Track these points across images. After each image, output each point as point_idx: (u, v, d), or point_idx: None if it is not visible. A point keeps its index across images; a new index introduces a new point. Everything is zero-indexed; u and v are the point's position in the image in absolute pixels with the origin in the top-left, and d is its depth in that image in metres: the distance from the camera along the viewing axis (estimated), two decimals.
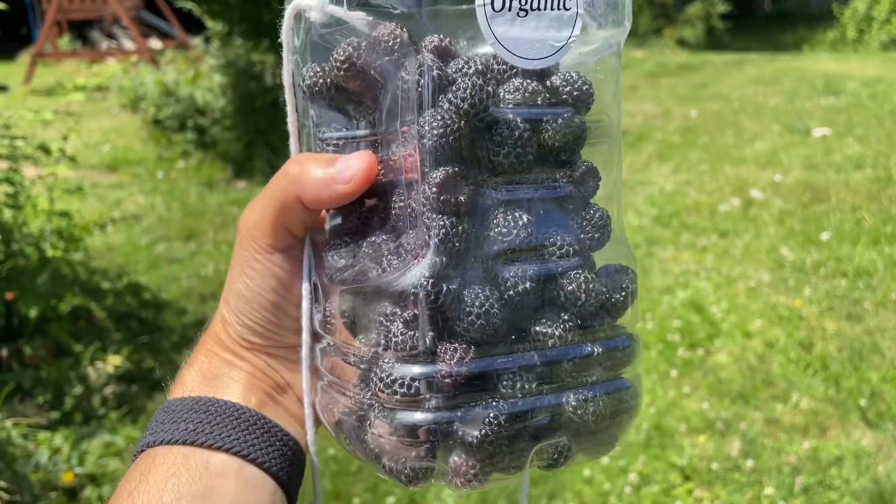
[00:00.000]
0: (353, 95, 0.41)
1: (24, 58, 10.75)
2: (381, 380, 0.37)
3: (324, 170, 0.40)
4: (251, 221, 0.43)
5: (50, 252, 3.03)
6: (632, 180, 5.18)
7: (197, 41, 7.34)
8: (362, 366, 0.40)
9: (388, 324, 0.38)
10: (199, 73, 6.41)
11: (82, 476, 2.22)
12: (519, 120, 0.38)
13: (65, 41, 10.88)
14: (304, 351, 0.45)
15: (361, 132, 0.41)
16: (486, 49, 0.39)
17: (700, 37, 12.06)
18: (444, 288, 0.36)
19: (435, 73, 0.36)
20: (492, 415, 0.37)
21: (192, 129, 6.15)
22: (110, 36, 11.10)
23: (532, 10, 0.37)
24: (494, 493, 2.15)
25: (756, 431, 2.41)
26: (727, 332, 3.03)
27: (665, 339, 3.00)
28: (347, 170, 0.39)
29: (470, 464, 0.37)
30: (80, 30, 11.51)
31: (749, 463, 2.27)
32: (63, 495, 2.14)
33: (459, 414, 0.37)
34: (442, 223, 0.36)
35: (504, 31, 0.37)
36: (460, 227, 0.37)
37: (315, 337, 0.45)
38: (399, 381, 0.37)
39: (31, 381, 2.59)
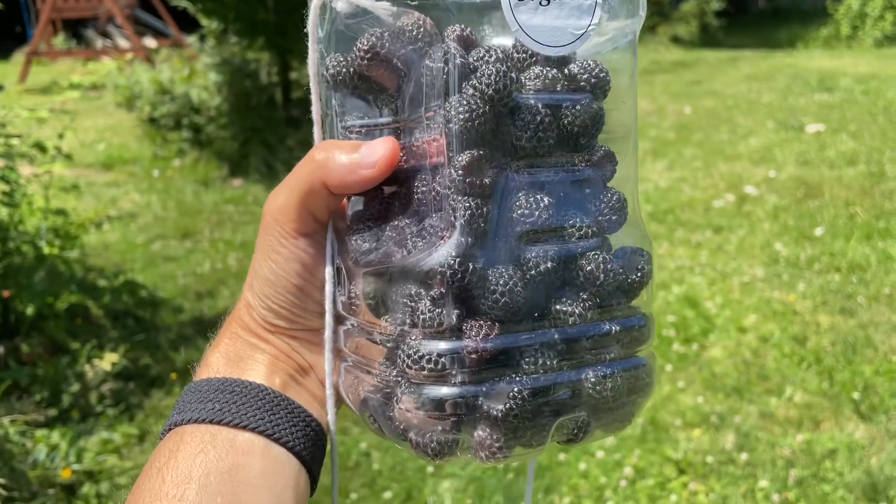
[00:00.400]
0: (376, 84, 0.42)
1: (19, 57, 10.73)
2: (408, 356, 0.38)
3: (349, 155, 0.41)
4: (276, 206, 0.44)
5: (46, 250, 3.03)
6: None
7: (192, 39, 7.33)
8: (389, 344, 0.41)
9: (415, 303, 0.39)
10: (194, 71, 6.41)
11: (80, 473, 2.23)
12: (540, 105, 0.39)
13: (60, 40, 10.85)
14: (328, 333, 0.46)
15: (384, 119, 0.43)
16: (504, 40, 0.41)
17: (694, 34, 12.08)
18: (470, 267, 0.38)
19: (458, 60, 0.38)
20: (516, 389, 0.38)
21: (187, 127, 6.15)
22: (105, 34, 11.07)
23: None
24: (491, 487, 2.16)
25: (750, 425, 2.43)
26: (721, 326, 3.04)
27: (660, 334, 3.01)
28: (371, 155, 0.41)
29: (494, 437, 0.39)
30: (75, 28, 11.48)
31: (743, 456, 2.28)
32: (61, 492, 2.15)
33: (484, 389, 0.38)
34: (467, 204, 0.38)
35: (527, 19, 0.39)
36: (485, 209, 0.38)
37: (338, 319, 0.46)
38: (426, 357, 0.38)
39: (28, 378, 2.59)
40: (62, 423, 2.46)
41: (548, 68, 0.40)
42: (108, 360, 2.74)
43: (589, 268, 0.41)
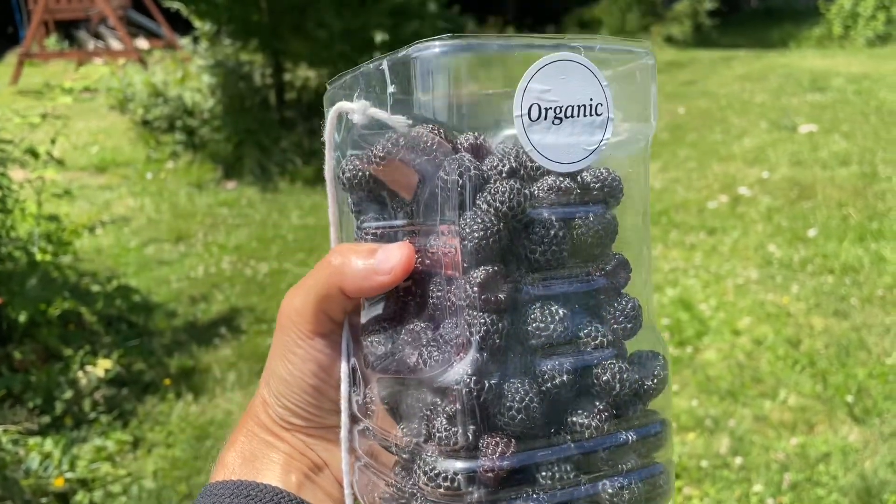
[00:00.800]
0: (391, 188, 0.43)
1: (11, 58, 10.68)
2: (424, 473, 0.38)
3: (365, 261, 0.42)
4: (293, 308, 0.45)
5: (39, 256, 3.02)
6: None
7: (185, 41, 7.31)
8: (404, 455, 0.42)
9: (431, 416, 0.39)
10: (187, 73, 6.39)
11: (73, 481, 2.22)
12: (553, 218, 0.39)
13: (52, 41, 10.80)
14: (343, 433, 0.47)
15: (399, 222, 0.43)
16: (513, 131, 0.41)
17: (688, 34, 12.11)
18: (486, 384, 0.38)
19: (472, 173, 0.38)
20: None
21: (180, 129, 6.13)
22: (97, 36, 11.03)
23: (566, 117, 0.40)
24: None
25: (744, 429, 2.43)
26: (716, 329, 3.05)
27: None
28: (387, 261, 0.41)
29: None
30: (67, 30, 11.43)
31: (738, 460, 2.29)
32: (55, 500, 2.14)
33: None
34: (483, 321, 0.38)
35: (540, 138, 0.39)
36: (500, 325, 0.38)
37: (353, 419, 0.47)
38: (443, 475, 0.38)
39: (21, 386, 2.58)
40: (55, 430, 2.45)
41: (561, 178, 0.40)
42: (102, 367, 2.73)
43: (605, 377, 0.41)
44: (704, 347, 2.94)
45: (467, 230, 0.37)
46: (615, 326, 0.42)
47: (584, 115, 0.40)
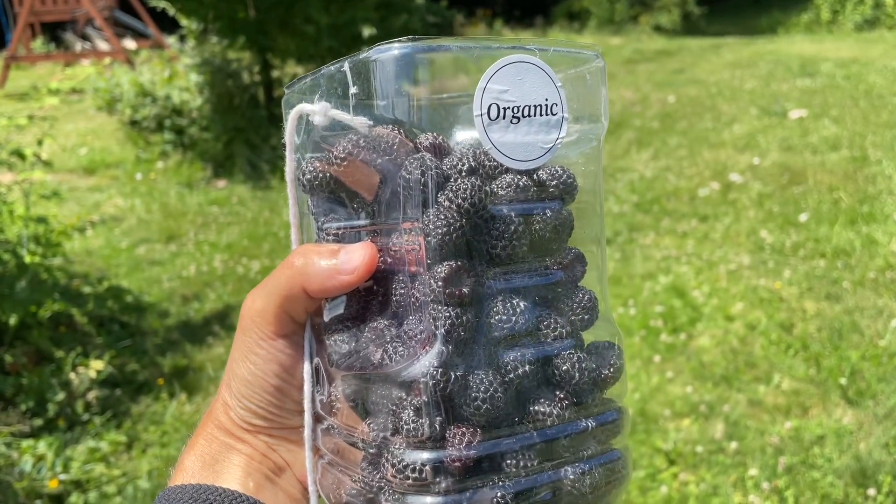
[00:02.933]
0: (351, 188, 0.43)
1: None
2: (392, 465, 0.39)
3: (328, 261, 0.42)
4: (254, 310, 0.45)
5: (28, 258, 3.00)
6: (612, 167, 5.20)
7: (172, 40, 7.27)
8: (371, 450, 0.42)
9: (398, 410, 0.40)
10: (175, 72, 6.36)
11: (67, 483, 2.21)
12: (513, 214, 0.41)
13: (38, 43, 10.73)
14: (307, 432, 0.46)
15: (361, 222, 0.44)
16: (472, 133, 0.42)
17: (676, 22, 12.10)
18: (452, 376, 0.38)
19: (433, 171, 0.39)
20: (499, 495, 0.39)
21: (169, 129, 6.10)
22: (84, 37, 10.96)
23: (524, 116, 0.41)
24: None
25: (739, 413, 2.44)
26: (709, 315, 3.05)
27: (648, 324, 3.02)
28: (351, 261, 0.41)
29: None
30: (54, 32, 11.36)
31: (733, 445, 2.29)
32: (49, 502, 2.13)
33: (468, 495, 0.39)
34: (447, 314, 0.38)
35: (499, 137, 0.40)
36: (465, 318, 0.39)
37: (317, 418, 0.47)
38: (411, 467, 0.38)
39: (13, 388, 2.57)
40: (48, 432, 2.43)
41: (518, 176, 0.42)
42: (94, 368, 2.72)
43: (564, 367, 0.42)
44: (698, 334, 2.94)
45: (430, 227, 0.38)
46: (573, 318, 0.44)
47: (541, 115, 0.42)
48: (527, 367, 0.40)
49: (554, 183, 0.43)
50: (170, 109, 6.10)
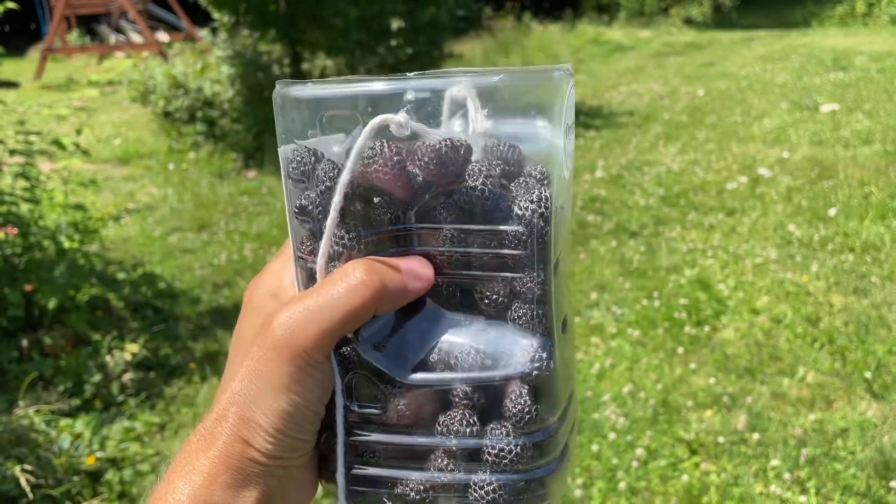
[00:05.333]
0: (387, 193, 0.43)
1: (34, 54, 10.83)
2: (497, 451, 0.42)
3: (398, 275, 0.42)
4: (311, 338, 0.40)
5: (66, 244, 3.09)
6: (639, 161, 5.19)
7: (204, 33, 7.37)
8: (467, 442, 0.43)
9: (501, 398, 0.43)
10: (207, 64, 6.46)
11: (104, 460, 2.29)
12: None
13: (74, 36, 10.93)
14: (340, 448, 0.44)
15: (406, 225, 0.44)
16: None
17: (707, 15, 11.97)
18: (553, 363, 0.43)
19: (500, 179, 0.42)
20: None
21: (201, 120, 6.21)
22: (118, 30, 11.15)
23: (570, 130, 0.45)
24: None
25: (762, 405, 2.44)
26: (734, 308, 3.05)
27: (672, 317, 3.03)
28: (419, 274, 0.42)
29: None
30: (89, 25, 11.56)
31: (755, 436, 2.30)
32: (86, 478, 2.21)
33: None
34: (543, 311, 0.42)
35: (569, 148, 0.44)
36: (551, 315, 0.43)
37: (348, 431, 0.45)
38: (525, 447, 0.42)
39: (52, 370, 2.66)
40: (85, 412, 2.52)
41: (555, 180, 0.44)
42: (129, 351, 2.80)
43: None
44: (722, 327, 2.94)
45: (526, 233, 0.41)
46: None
47: (573, 132, 0.46)
48: (566, 340, 0.46)
49: (535, 173, 0.45)
50: (202, 101, 6.21)
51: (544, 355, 0.42)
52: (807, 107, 5.95)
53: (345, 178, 0.42)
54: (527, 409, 0.41)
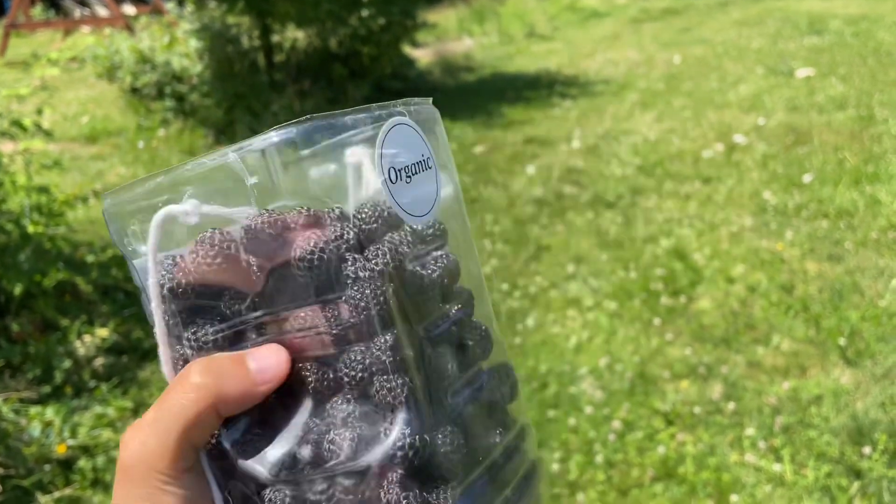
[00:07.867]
0: (224, 286, 0.40)
1: None
2: None
3: (239, 373, 0.38)
4: (148, 452, 0.38)
5: (31, 228, 3.02)
6: (616, 130, 5.16)
7: (171, 5, 7.20)
8: None
9: (365, 494, 0.38)
10: (174, 38, 6.30)
11: (75, 448, 2.25)
12: (418, 269, 0.41)
13: (38, 11, 10.65)
14: None
15: (247, 317, 0.40)
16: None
17: None
18: (427, 440, 0.38)
19: (352, 243, 0.39)
20: None
21: (170, 96, 6.07)
22: (83, 3, 10.86)
23: (413, 175, 0.42)
24: None
25: (737, 374, 2.45)
26: (710, 278, 3.06)
27: (648, 288, 3.02)
28: (266, 368, 0.38)
29: None
30: None
31: (730, 406, 2.31)
32: (57, 467, 2.18)
33: None
34: (401, 381, 0.38)
35: (401, 198, 0.41)
36: (416, 381, 0.39)
37: None
38: None
39: (20, 356, 2.61)
40: (56, 399, 2.48)
41: (402, 233, 0.41)
42: (99, 335, 2.75)
43: (493, 398, 0.45)
44: (698, 296, 2.94)
45: (360, 299, 0.38)
46: (478, 351, 0.45)
47: (423, 170, 0.43)
48: (470, 408, 0.42)
49: (431, 231, 0.44)
50: (170, 76, 6.07)
51: (406, 432, 0.37)
52: (782, 72, 5.94)
53: (152, 281, 0.40)
54: (401, 498, 0.37)
